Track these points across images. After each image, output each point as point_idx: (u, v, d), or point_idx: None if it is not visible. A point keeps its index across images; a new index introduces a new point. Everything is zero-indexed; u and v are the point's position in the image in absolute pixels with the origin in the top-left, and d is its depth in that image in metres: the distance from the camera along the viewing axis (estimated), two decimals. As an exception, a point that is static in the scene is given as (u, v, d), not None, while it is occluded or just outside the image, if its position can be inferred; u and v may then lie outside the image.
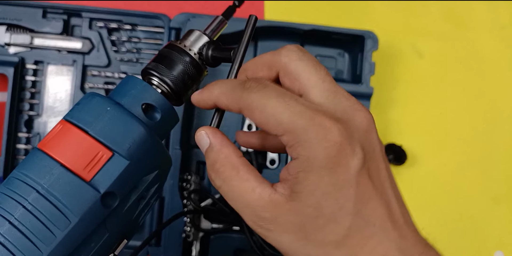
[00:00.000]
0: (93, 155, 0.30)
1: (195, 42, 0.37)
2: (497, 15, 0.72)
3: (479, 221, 0.69)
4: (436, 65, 0.71)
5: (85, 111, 0.31)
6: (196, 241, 0.62)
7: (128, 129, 0.31)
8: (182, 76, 0.35)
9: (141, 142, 0.31)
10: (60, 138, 0.30)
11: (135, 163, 0.31)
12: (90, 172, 0.30)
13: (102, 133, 0.30)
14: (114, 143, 0.30)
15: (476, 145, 0.70)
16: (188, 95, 0.36)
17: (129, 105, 0.33)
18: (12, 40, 0.62)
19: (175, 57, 0.35)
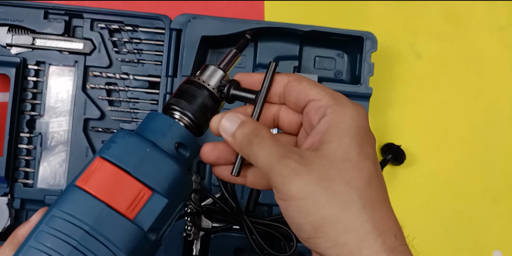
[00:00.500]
0: (135, 195, 0.32)
1: (211, 77, 0.39)
2: (496, 15, 0.72)
3: (477, 220, 0.69)
4: (435, 66, 0.71)
5: (124, 152, 0.33)
6: (197, 240, 0.63)
7: (166, 169, 0.33)
8: (202, 108, 0.38)
9: (177, 180, 0.34)
10: (102, 177, 0.32)
11: (172, 200, 0.33)
12: (133, 211, 0.31)
13: (143, 174, 0.32)
14: (154, 183, 0.32)
15: (475, 145, 0.70)
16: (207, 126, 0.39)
17: (164, 145, 0.35)
18: (14, 40, 0.62)
19: (194, 91, 0.38)
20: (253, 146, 0.34)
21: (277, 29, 0.63)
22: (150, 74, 0.64)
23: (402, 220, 0.69)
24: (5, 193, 0.62)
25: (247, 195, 0.64)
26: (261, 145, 0.33)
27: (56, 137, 0.64)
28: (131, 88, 0.64)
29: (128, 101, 0.64)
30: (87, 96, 0.63)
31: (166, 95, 0.62)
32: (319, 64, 0.67)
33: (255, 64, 0.66)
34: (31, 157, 0.63)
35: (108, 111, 0.64)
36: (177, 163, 0.34)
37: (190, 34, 0.61)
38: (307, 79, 0.37)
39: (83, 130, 0.63)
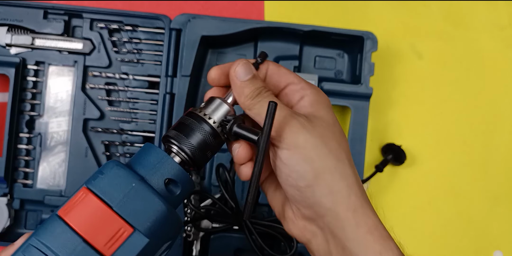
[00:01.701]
0: (115, 231, 0.30)
1: (216, 111, 0.38)
2: (496, 15, 0.72)
3: (478, 221, 0.69)
4: (435, 66, 0.71)
5: (110, 184, 0.32)
6: (197, 241, 0.62)
7: (151, 207, 0.32)
8: (201, 145, 0.36)
9: (162, 221, 0.32)
10: (83, 209, 0.31)
11: (154, 240, 0.31)
12: (110, 248, 0.30)
13: (125, 210, 0.31)
14: (136, 220, 0.31)
15: (476, 145, 0.70)
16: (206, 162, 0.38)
17: (153, 180, 0.33)
18: (13, 40, 0.62)
19: (195, 126, 0.36)
20: (263, 99, 0.38)
21: (277, 29, 0.62)
22: (149, 74, 0.64)
23: (402, 220, 0.70)
24: (5, 193, 0.62)
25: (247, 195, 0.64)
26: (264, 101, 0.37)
27: (56, 137, 0.64)
28: (131, 88, 0.64)
29: (128, 101, 0.64)
30: (86, 96, 0.63)
31: (166, 95, 0.61)
32: (320, 64, 0.67)
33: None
34: (31, 158, 0.63)
35: (108, 111, 0.64)
36: (163, 201, 0.32)
37: (189, 34, 0.61)
38: (282, 66, 0.42)
39: (82, 130, 0.63)
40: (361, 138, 0.63)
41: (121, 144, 0.64)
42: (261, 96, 0.38)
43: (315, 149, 0.36)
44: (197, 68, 0.64)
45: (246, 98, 0.38)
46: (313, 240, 0.39)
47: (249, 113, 0.38)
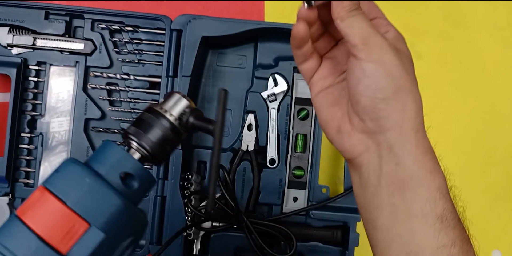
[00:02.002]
0: (70, 227, 0.30)
1: (175, 106, 0.37)
2: (496, 15, 0.72)
3: (477, 220, 0.69)
4: (435, 66, 0.71)
5: (64, 181, 0.32)
6: (197, 240, 0.63)
7: (105, 202, 0.31)
8: (160, 141, 0.36)
9: (118, 215, 0.32)
10: (39, 207, 0.31)
11: (111, 235, 0.31)
12: (66, 244, 0.30)
13: (79, 205, 0.31)
14: (90, 215, 0.31)
15: (475, 145, 0.70)
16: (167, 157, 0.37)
17: (108, 175, 0.33)
18: (15, 41, 0.62)
19: (154, 122, 0.36)
20: (358, 15, 0.39)
21: (277, 30, 0.63)
22: (150, 74, 0.64)
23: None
24: (6, 193, 0.62)
25: (247, 194, 0.64)
26: (362, 17, 0.39)
27: (57, 137, 0.64)
28: (132, 88, 0.64)
29: (129, 101, 0.64)
30: (87, 96, 0.64)
31: (167, 95, 0.62)
32: (319, 65, 0.67)
33: (255, 65, 0.66)
34: (32, 157, 0.63)
35: (109, 111, 0.65)
36: (118, 195, 0.32)
37: (190, 35, 0.61)
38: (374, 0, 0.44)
39: (83, 130, 0.63)
40: (361, 138, 0.63)
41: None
42: (358, 12, 0.39)
43: (398, 68, 0.38)
44: (197, 68, 0.64)
45: (344, 8, 0.39)
46: (365, 154, 0.40)
47: (340, 24, 0.39)
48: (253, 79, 0.66)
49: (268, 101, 0.65)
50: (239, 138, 0.65)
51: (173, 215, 0.61)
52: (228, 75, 0.66)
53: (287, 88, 0.64)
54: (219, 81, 0.66)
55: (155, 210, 0.61)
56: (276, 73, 0.65)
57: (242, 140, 0.65)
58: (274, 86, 0.64)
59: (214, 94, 0.66)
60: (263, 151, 0.65)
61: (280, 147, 0.64)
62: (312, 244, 0.63)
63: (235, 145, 0.65)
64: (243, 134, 0.65)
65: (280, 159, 0.64)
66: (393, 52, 0.39)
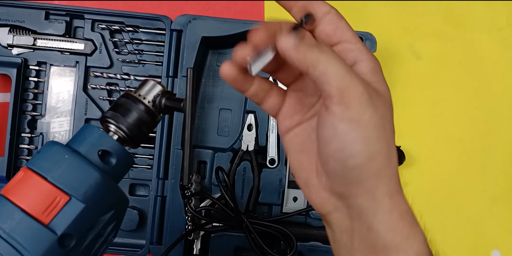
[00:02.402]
0: (51, 200, 0.32)
1: (150, 91, 0.40)
2: (495, 16, 0.72)
3: (476, 220, 0.69)
4: (434, 66, 0.71)
5: (45, 159, 0.34)
6: (197, 240, 0.63)
7: (84, 175, 0.33)
8: (137, 122, 0.38)
9: (97, 186, 0.33)
10: (21, 185, 0.33)
11: (91, 206, 0.33)
12: (48, 215, 0.32)
13: (59, 179, 0.33)
14: (70, 188, 0.33)
15: (474, 145, 0.70)
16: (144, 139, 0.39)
17: (86, 152, 0.35)
18: (15, 41, 0.63)
19: (130, 105, 0.39)
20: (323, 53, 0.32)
21: (277, 30, 0.63)
22: (150, 74, 0.64)
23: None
24: (7, 193, 0.62)
25: (247, 195, 0.65)
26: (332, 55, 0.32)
27: (57, 137, 0.64)
28: (132, 89, 0.64)
29: (129, 101, 0.64)
30: (88, 97, 0.64)
31: (167, 95, 0.62)
32: (319, 65, 0.67)
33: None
34: (32, 157, 0.63)
35: (109, 111, 0.65)
36: (96, 169, 0.34)
37: (190, 35, 0.62)
38: (345, 20, 0.37)
39: (84, 130, 0.63)
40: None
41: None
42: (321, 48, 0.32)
43: (376, 130, 0.33)
44: (197, 68, 0.64)
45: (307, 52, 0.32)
46: (334, 213, 0.36)
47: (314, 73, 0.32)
48: (253, 79, 0.66)
49: (268, 101, 0.65)
50: (239, 138, 0.65)
51: (173, 215, 0.61)
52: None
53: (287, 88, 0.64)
54: (219, 81, 0.66)
55: (155, 210, 0.61)
56: (276, 73, 0.65)
57: (242, 140, 0.65)
58: (274, 86, 0.65)
59: (214, 94, 0.67)
60: (263, 151, 0.65)
61: (280, 147, 0.64)
62: (312, 244, 0.63)
63: (235, 145, 0.65)
64: (243, 134, 0.65)
65: (280, 159, 0.64)
66: (373, 107, 0.33)
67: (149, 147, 0.64)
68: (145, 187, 0.66)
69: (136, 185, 0.66)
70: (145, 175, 0.65)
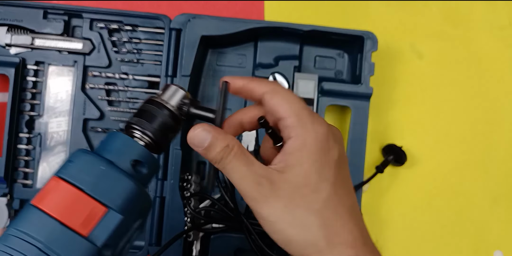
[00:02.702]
0: (89, 212, 0.32)
1: (172, 96, 0.40)
2: (496, 15, 0.72)
3: (478, 221, 0.69)
4: (435, 65, 0.71)
5: (80, 170, 0.34)
6: (197, 241, 0.62)
7: (121, 186, 0.34)
8: (162, 128, 0.39)
9: (132, 197, 0.34)
10: (56, 196, 0.33)
11: (127, 216, 0.34)
12: (87, 227, 0.32)
13: (97, 191, 0.33)
14: (109, 200, 0.33)
15: (476, 146, 0.70)
16: (168, 144, 0.40)
17: (120, 163, 0.35)
18: (13, 40, 0.62)
19: (155, 111, 0.39)
20: (226, 165, 0.36)
21: (277, 29, 0.62)
22: (149, 74, 0.64)
23: (402, 220, 0.70)
24: (4, 193, 0.62)
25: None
26: (234, 166, 0.36)
27: (56, 138, 0.64)
28: (131, 88, 0.64)
29: (128, 101, 0.64)
30: (86, 96, 0.63)
31: (166, 95, 0.61)
32: (320, 64, 0.67)
33: (255, 64, 0.65)
34: (31, 158, 0.63)
35: (108, 111, 0.64)
36: (132, 180, 0.35)
37: (189, 34, 0.61)
38: (281, 93, 0.38)
39: (82, 130, 0.63)
40: (361, 138, 0.63)
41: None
42: (224, 163, 0.37)
43: (280, 221, 0.36)
44: (197, 68, 0.64)
45: (215, 163, 0.37)
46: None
47: (225, 175, 0.37)
48: (253, 78, 0.65)
49: (268, 101, 0.64)
50: (239, 138, 0.65)
51: (173, 216, 0.60)
52: (228, 74, 0.66)
53: (287, 87, 0.64)
54: (219, 81, 0.66)
55: (154, 211, 0.61)
56: (276, 73, 0.64)
57: (242, 140, 0.64)
58: (274, 85, 0.64)
59: (214, 93, 0.66)
60: (263, 151, 0.64)
61: (280, 147, 0.64)
62: (313, 245, 0.63)
63: (235, 145, 0.65)
64: (243, 134, 0.64)
65: (280, 159, 0.64)
66: (267, 202, 0.36)
67: (148, 147, 0.64)
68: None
69: (135, 186, 0.66)
70: (144, 175, 0.64)
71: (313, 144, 0.36)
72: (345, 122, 0.67)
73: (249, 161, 0.37)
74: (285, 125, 0.37)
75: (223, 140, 0.37)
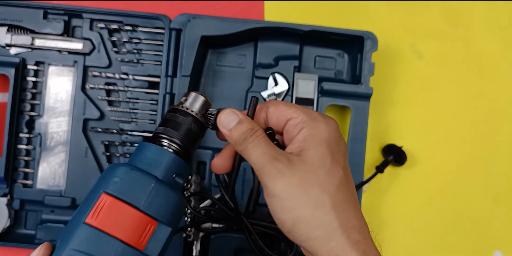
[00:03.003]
0: (144, 227, 0.35)
1: (194, 103, 0.42)
2: (496, 15, 0.72)
3: (478, 221, 0.69)
4: (435, 65, 0.71)
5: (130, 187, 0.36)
6: (197, 241, 0.62)
7: (169, 201, 0.37)
8: (188, 134, 0.41)
9: (178, 209, 0.37)
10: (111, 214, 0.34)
11: (174, 227, 0.37)
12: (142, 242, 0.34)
13: (150, 208, 0.36)
14: (160, 215, 0.36)
15: (476, 146, 0.70)
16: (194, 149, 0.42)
17: (165, 178, 0.38)
18: (13, 41, 0.62)
19: (179, 119, 0.41)
20: (248, 144, 0.38)
21: (277, 29, 0.62)
22: (149, 74, 0.64)
23: (402, 220, 0.70)
24: (5, 193, 0.62)
25: (247, 195, 0.64)
26: (255, 144, 0.38)
27: (56, 138, 0.64)
28: (131, 88, 0.64)
29: (128, 101, 0.64)
30: (86, 96, 0.63)
31: (166, 95, 0.61)
32: (320, 64, 0.67)
33: (255, 64, 0.65)
34: (31, 158, 0.63)
35: (108, 111, 0.64)
36: (177, 193, 0.37)
37: (189, 34, 0.61)
38: (282, 102, 0.41)
39: (82, 131, 0.63)
40: (361, 138, 0.63)
41: (121, 144, 0.64)
42: (247, 142, 0.38)
43: (293, 198, 0.36)
44: (197, 68, 0.64)
45: (236, 144, 0.39)
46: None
47: (244, 157, 0.39)
48: (253, 78, 0.65)
49: (268, 101, 0.64)
50: (239, 138, 0.65)
51: (173, 216, 0.61)
52: (228, 74, 0.66)
53: (287, 87, 0.64)
54: (219, 81, 0.66)
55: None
56: (276, 73, 0.64)
57: (242, 140, 0.64)
58: (275, 85, 0.64)
59: (214, 93, 0.66)
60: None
61: (280, 147, 0.64)
62: (313, 245, 0.63)
63: (235, 145, 0.65)
64: (243, 134, 0.64)
65: (280, 159, 0.64)
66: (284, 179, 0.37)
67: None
68: (144, 187, 0.65)
69: (135, 186, 0.66)
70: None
71: (326, 132, 0.39)
72: (345, 122, 0.67)
73: (270, 143, 0.39)
74: (295, 123, 0.40)
75: (249, 123, 0.39)
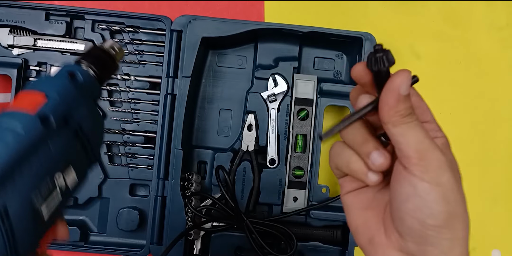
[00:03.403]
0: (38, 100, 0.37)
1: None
2: (495, 15, 0.72)
3: (477, 220, 0.69)
4: (434, 66, 0.71)
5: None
6: (198, 240, 0.63)
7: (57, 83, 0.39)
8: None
9: (64, 89, 0.38)
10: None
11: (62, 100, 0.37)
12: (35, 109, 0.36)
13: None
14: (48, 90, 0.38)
15: (474, 145, 0.70)
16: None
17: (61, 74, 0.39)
18: (16, 42, 0.63)
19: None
20: (413, 121, 0.35)
21: (276, 30, 0.63)
22: (151, 75, 0.65)
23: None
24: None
25: (247, 195, 0.65)
26: (416, 124, 0.35)
27: (58, 138, 0.64)
28: (132, 89, 0.64)
29: (129, 101, 0.64)
30: (88, 97, 0.64)
31: (167, 95, 0.62)
32: (319, 65, 0.68)
33: (255, 65, 0.66)
34: (33, 158, 0.63)
35: (109, 112, 0.65)
36: (68, 81, 0.39)
37: (190, 35, 0.62)
38: (423, 100, 0.41)
39: (84, 131, 0.63)
40: (360, 138, 0.63)
41: (122, 144, 0.64)
42: (411, 118, 0.35)
43: (453, 192, 0.35)
44: (197, 69, 0.64)
45: (397, 113, 0.34)
46: None
47: (391, 129, 0.35)
48: (253, 79, 0.66)
49: (268, 101, 0.65)
50: (239, 138, 0.65)
51: (174, 215, 0.61)
52: (228, 75, 0.67)
53: (287, 88, 0.65)
54: (220, 82, 0.66)
55: (156, 210, 0.61)
56: (276, 74, 0.65)
57: (242, 140, 0.65)
58: (274, 86, 0.65)
59: (214, 94, 0.67)
60: (263, 151, 0.65)
61: (280, 147, 0.65)
62: (312, 243, 0.63)
63: (235, 146, 0.65)
64: (243, 134, 0.65)
65: (280, 159, 0.64)
66: (450, 171, 0.35)
67: (150, 147, 0.64)
68: (145, 187, 0.66)
69: (136, 185, 0.66)
70: (145, 175, 0.65)
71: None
72: (344, 122, 0.67)
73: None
74: (431, 127, 0.40)
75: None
